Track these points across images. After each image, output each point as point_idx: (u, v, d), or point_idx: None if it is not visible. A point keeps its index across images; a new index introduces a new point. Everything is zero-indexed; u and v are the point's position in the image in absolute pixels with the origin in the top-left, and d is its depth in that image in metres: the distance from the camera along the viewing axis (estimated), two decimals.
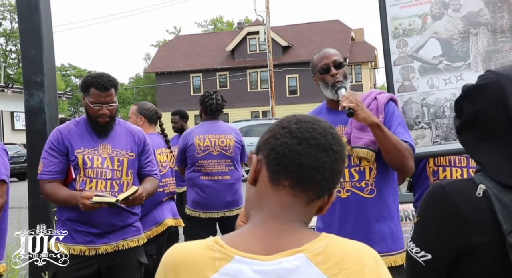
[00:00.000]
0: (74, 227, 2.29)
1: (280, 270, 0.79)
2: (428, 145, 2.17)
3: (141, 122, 3.36)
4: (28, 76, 2.95)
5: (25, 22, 2.95)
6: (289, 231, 0.84)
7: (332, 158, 0.85)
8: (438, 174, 2.30)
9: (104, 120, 2.33)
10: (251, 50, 29.11)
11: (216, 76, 29.25)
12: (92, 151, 2.32)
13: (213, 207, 3.63)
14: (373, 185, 1.97)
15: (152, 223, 3.19)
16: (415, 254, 1.08)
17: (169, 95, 29.09)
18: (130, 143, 2.42)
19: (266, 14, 22.01)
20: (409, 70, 2.21)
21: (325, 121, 0.90)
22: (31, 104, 2.92)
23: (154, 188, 2.50)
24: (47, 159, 2.32)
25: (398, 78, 2.23)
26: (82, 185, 2.27)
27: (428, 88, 2.18)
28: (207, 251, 0.82)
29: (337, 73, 2.03)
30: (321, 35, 29.03)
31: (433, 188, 1.10)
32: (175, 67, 29.79)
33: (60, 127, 2.41)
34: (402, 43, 2.24)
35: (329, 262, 0.80)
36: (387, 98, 2.03)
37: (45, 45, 2.93)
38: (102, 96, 2.30)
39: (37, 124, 2.93)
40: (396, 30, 2.25)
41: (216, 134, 3.69)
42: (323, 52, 2.10)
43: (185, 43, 32.01)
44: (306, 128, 0.86)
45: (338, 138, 0.88)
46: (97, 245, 2.30)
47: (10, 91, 16.13)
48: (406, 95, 2.21)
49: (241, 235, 0.86)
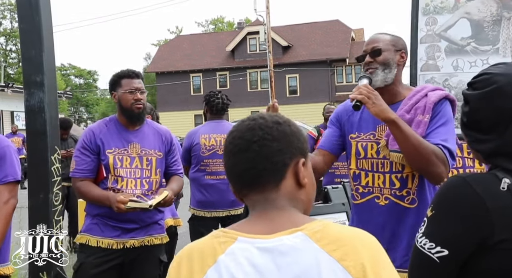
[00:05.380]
0: (105, 221, 2.36)
1: (281, 246, 0.83)
2: None
3: None
4: (28, 76, 2.94)
5: (25, 22, 2.95)
6: (284, 216, 0.89)
7: (257, 149, 0.89)
8: None
9: (139, 106, 2.41)
10: (251, 50, 29.09)
11: (216, 76, 29.23)
12: (122, 151, 2.40)
13: (218, 207, 3.64)
14: (414, 195, 1.77)
15: None
16: (428, 250, 1.03)
17: (169, 95, 29.08)
18: (158, 143, 2.50)
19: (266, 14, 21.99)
20: (435, 49, 2.14)
21: (249, 118, 0.95)
22: (31, 103, 2.91)
23: (180, 187, 2.58)
24: (79, 158, 2.40)
25: (423, 56, 2.16)
26: (114, 183, 2.35)
27: (452, 69, 2.11)
28: (213, 239, 0.89)
29: (372, 61, 1.81)
30: (321, 35, 29.01)
31: (452, 180, 1.05)
32: (175, 67, 29.77)
33: (92, 127, 2.49)
34: (431, 21, 2.16)
35: (327, 239, 0.84)
36: (440, 96, 1.76)
37: (45, 45, 2.93)
38: (135, 83, 2.43)
39: (37, 124, 2.92)
40: (427, 6, 2.16)
41: (221, 133, 3.70)
42: (369, 37, 1.90)
43: (185, 43, 31.99)
44: (230, 140, 0.93)
45: (257, 125, 0.91)
46: (125, 239, 2.37)
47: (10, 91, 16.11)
48: (429, 74, 2.14)
49: (241, 223, 0.92)
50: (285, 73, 27.29)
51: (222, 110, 3.75)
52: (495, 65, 1.13)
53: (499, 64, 1.13)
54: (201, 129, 3.80)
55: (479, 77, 1.10)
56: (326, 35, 28.91)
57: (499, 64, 1.13)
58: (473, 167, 2.28)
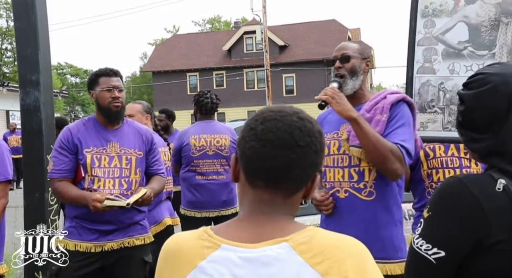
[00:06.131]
0: (82, 224, 2.32)
1: (263, 257, 0.81)
2: (438, 130, 2.13)
3: (146, 120, 3.36)
4: (23, 75, 2.93)
5: (21, 20, 2.94)
6: (272, 223, 0.87)
7: (300, 154, 0.85)
8: (432, 176, 2.32)
9: (116, 105, 2.38)
10: (247, 50, 29.08)
11: (213, 75, 29.21)
12: (101, 150, 2.35)
13: (208, 207, 3.64)
14: (372, 187, 1.90)
15: (151, 222, 3.18)
16: (425, 252, 1.02)
17: (165, 94, 29.02)
18: (138, 142, 2.47)
19: (263, 14, 22.00)
20: (432, 52, 2.14)
21: (293, 113, 0.88)
22: (26, 102, 2.90)
23: (161, 187, 2.54)
24: (57, 158, 2.35)
25: (419, 59, 2.16)
26: (90, 183, 2.30)
27: (448, 73, 2.11)
28: (197, 241, 0.87)
29: (341, 66, 2.00)
30: (317, 34, 29.04)
31: (448, 182, 1.05)
32: (171, 66, 29.72)
33: (70, 126, 2.44)
34: (429, 23, 2.15)
35: (313, 251, 0.81)
36: (397, 98, 1.92)
37: (41, 44, 2.92)
38: (113, 80, 2.39)
39: (33, 123, 2.92)
40: (426, 9, 2.16)
41: (211, 134, 3.69)
42: (340, 44, 2.10)
43: (181, 42, 31.94)
44: (271, 128, 0.86)
45: (307, 130, 0.87)
46: (103, 242, 2.32)
47: (5, 90, 16.02)
48: (425, 77, 2.14)
49: (228, 226, 0.90)
50: (282, 72, 27.30)
51: (211, 109, 3.74)
52: (490, 65, 1.14)
53: (494, 64, 1.14)
54: (191, 129, 3.79)
55: (474, 77, 1.10)
56: (322, 34, 28.93)
57: (494, 64, 1.14)
58: (469, 167, 2.30)
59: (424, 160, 2.34)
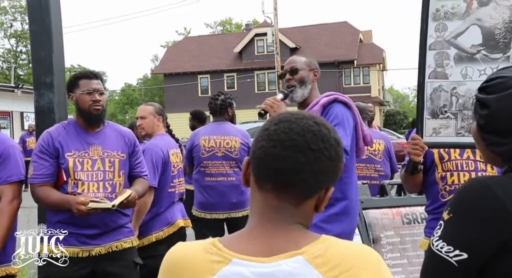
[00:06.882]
0: (67, 229, 2.25)
1: (278, 272, 0.78)
2: (451, 135, 2.09)
3: (158, 122, 3.37)
4: (38, 77, 2.96)
5: (36, 24, 2.97)
6: (284, 234, 0.83)
7: (311, 158, 0.82)
8: (446, 179, 2.29)
9: (97, 108, 2.34)
10: (258, 52, 29.11)
11: (224, 77, 29.28)
12: (83, 154, 2.31)
13: (218, 208, 3.64)
14: None
15: (164, 223, 3.19)
16: (446, 254, 1.00)
17: (177, 96, 29.16)
18: (121, 144, 2.43)
19: (274, 16, 22.01)
20: (444, 56, 2.09)
21: (310, 118, 0.86)
22: (41, 104, 2.93)
23: (144, 189, 2.51)
24: (37, 163, 2.30)
25: (431, 63, 2.11)
26: (74, 187, 2.26)
27: (460, 78, 2.06)
28: (205, 255, 0.82)
29: (291, 78, 2.29)
30: (329, 36, 28.95)
31: (471, 183, 1.05)
32: (183, 68, 29.86)
33: (49, 130, 2.40)
34: (441, 27, 2.09)
35: (329, 264, 0.79)
36: (329, 100, 2.14)
37: (55, 46, 2.95)
38: (93, 83, 2.36)
39: (46, 125, 2.93)
40: (438, 12, 2.10)
41: (221, 135, 3.70)
42: (288, 59, 2.38)
43: (193, 44, 32.08)
44: (283, 129, 0.83)
45: (321, 135, 0.84)
46: (91, 247, 2.29)
47: (20, 92, 16.24)
48: (437, 82, 2.10)
49: (238, 237, 0.86)
50: None
51: (221, 110, 3.75)
52: (506, 68, 1.13)
53: (511, 67, 1.13)
54: (202, 130, 3.81)
55: (492, 81, 1.10)
56: (334, 36, 28.84)
57: (511, 67, 1.13)
58: (485, 170, 2.27)
59: (439, 162, 2.32)
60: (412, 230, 3.19)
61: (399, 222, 3.19)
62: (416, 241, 3.04)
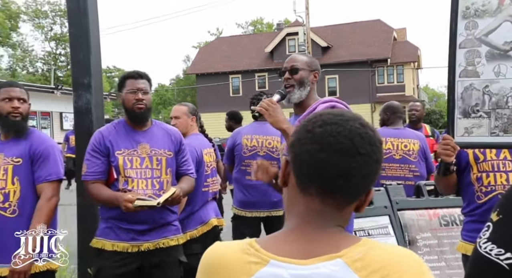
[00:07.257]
0: (118, 224, 2.36)
1: (317, 275, 0.77)
2: (485, 135, 2.03)
3: (192, 122, 3.42)
4: (76, 78, 3.05)
5: (75, 27, 3.06)
6: (324, 236, 0.82)
7: (360, 162, 0.80)
8: (482, 180, 2.23)
9: (140, 107, 2.41)
10: (290, 51, 28.98)
11: (255, 77, 29.34)
12: (132, 152, 2.39)
13: (259, 207, 3.66)
14: None
15: (198, 222, 3.24)
16: (496, 257, 0.97)
17: (208, 96, 29.46)
18: (168, 143, 2.50)
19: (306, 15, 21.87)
20: (475, 54, 2.04)
21: (355, 119, 0.83)
22: (79, 105, 3.01)
23: (190, 187, 2.56)
24: (90, 160, 2.40)
25: (462, 62, 2.07)
26: (125, 184, 2.34)
27: (493, 76, 2.01)
28: (242, 255, 0.81)
29: (290, 77, 2.16)
30: (362, 35, 28.52)
31: None
32: (214, 68, 30.13)
33: (101, 129, 2.50)
34: (471, 25, 2.05)
35: (369, 268, 0.77)
36: (326, 106, 2.05)
37: (93, 48, 3.03)
38: (138, 83, 2.44)
39: (84, 125, 3.03)
40: (468, 9, 2.06)
41: (263, 135, 3.72)
42: (289, 57, 2.25)
43: (224, 44, 32.31)
44: (331, 132, 0.80)
45: (368, 137, 0.81)
46: (140, 242, 2.36)
47: (59, 93, 16.81)
48: (467, 81, 2.05)
49: (275, 238, 0.85)
50: (324, 74, 27.01)
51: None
52: None
53: None
54: (244, 129, 3.85)
55: None
56: (367, 35, 28.38)
57: None
58: None
59: (474, 163, 2.25)
60: (450, 233, 3.11)
61: (437, 223, 3.12)
62: (454, 244, 2.95)
